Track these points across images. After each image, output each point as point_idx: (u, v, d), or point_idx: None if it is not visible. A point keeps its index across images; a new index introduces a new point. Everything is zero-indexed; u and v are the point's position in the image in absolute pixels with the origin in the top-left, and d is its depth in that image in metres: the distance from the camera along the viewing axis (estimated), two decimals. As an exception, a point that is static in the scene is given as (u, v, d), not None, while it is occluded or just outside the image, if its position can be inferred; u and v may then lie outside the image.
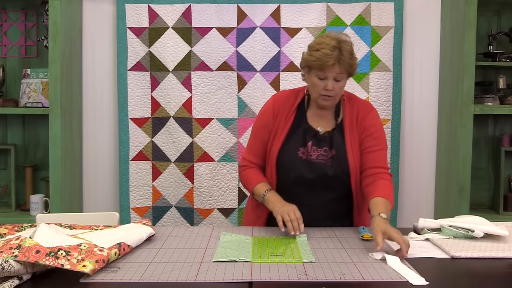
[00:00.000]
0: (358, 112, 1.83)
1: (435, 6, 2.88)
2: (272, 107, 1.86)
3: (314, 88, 1.75)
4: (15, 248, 1.19)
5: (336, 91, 1.72)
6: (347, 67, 1.70)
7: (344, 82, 1.74)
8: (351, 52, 1.71)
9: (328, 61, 1.66)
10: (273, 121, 1.84)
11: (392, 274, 1.25)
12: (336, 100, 1.78)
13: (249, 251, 1.43)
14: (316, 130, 1.80)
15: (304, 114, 1.84)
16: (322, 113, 1.83)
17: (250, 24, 2.85)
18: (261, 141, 1.87)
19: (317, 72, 1.70)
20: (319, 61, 1.67)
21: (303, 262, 1.34)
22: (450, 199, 2.73)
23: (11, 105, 2.76)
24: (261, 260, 1.35)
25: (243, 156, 1.93)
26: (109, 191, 2.97)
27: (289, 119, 1.83)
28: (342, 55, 1.67)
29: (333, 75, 1.69)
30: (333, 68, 1.67)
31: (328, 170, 1.75)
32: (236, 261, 1.34)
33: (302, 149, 1.78)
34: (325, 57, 1.66)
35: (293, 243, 1.52)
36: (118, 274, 1.25)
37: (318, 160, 1.76)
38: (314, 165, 1.76)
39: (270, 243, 1.52)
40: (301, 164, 1.77)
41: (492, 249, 1.46)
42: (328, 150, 1.77)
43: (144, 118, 2.90)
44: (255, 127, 1.91)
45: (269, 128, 1.84)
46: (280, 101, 1.87)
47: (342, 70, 1.69)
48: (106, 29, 2.92)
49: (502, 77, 2.80)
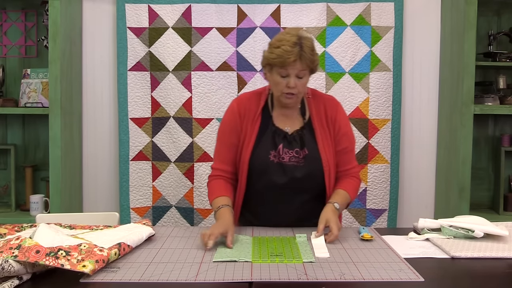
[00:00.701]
0: (325, 109, 1.81)
1: (435, 6, 2.88)
2: (237, 110, 1.81)
3: (277, 87, 1.71)
4: (15, 248, 1.19)
5: (298, 88, 1.70)
6: (308, 63, 1.67)
7: (306, 79, 1.72)
8: (312, 48, 1.69)
9: (290, 57, 1.63)
10: (241, 124, 1.80)
11: (392, 274, 1.25)
12: (299, 97, 1.76)
13: (249, 251, 1.43)
14: (284, 131, 1.78)
15: (269, 116, 1.80)
16: (288, 113, 1.81)
17: (250, 24, 2.85)
18: (230, 146, 1.81)
19: (279, 69, 1.67)
20: (280, 58, 1.64)
21: (303, 262, 1.34)
22: (450, 199, 2.73)
23: (11, 105, 2.76)
24: (261, 260, 1.35)
25: (212, 166, 1.87)
26: (109, 191, 2.97)
27: (256, 122, 1.79)
28: (303, 51, 1.65)
29: (295, 72, 1.66)
30: (295, 64, 1.65)
31: (300, 172, 1.73)
32: (236, 261, 1.34)
33: (273, 152, 1.75)
34: (286, 53, 1.63)
35: (293, 243, 1.52)
36: (118, 274, 1.25)
37: (290, 163, 1.74)
38: (286, 168, 1.74)
39: (270, 243, 1.52)
40: (274, 169, 1.74)
41: (492, 249, 1.46)
42: (300, 151, 1.75)
43: (144, 118, 2.90)
44: (222, 132, 1.84)
45: (238, 130, 1.80)
46: (244, 103, 1.83)
47: (304, 67, 1.67)
48: (106, 29, 2.92)
49: (502, 77, 2.80)
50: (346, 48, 2.84)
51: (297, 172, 1.73)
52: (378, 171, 2.88)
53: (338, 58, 2.84)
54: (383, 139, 2.87)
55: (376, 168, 2.88)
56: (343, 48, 2.84)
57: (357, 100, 2.85)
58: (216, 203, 1.72)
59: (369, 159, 2.87)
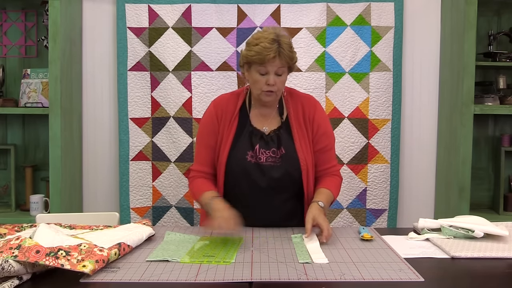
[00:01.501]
0: (303, 107, 1.81)
1: (435, 6, 2.88)
2: (214, 112, 1.82)
3: (256, 85, 1.72)
4: (15, 248, 1.19)
5: (278, 85, 1.71)
6: (287, 59, 1.69)
7: (285, 76, 1.73)
8: (290, 45, 1.71)
9: (269, 54, 1.64)
10: (218, 125, 1.80)
11: (392, 274, 1.25)
12: (278, 95, 1.76)
13: (185, 251, 1.42)
14: (261, 131, 1.78)
15: (247, 116, 1.81)
16: (266, 112, 1.81)
17: (250, 24, 2.85)
18: (209, 148, 1.81)
19: (258, 67, 1.68)
20: (259, 55, 1.65)
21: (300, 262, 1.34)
22: (450, 199, 2.73)
23: (11, 105, 2.76)
24: (190, 260, 1.34)
25: (190, 168, 1.88)
26: (109, 191, 2.97)
27: (233, 123, 1.79)
28: (282, 48, 1.66)
29: (274, 69, 1.68)
30: (274, 61, 1.66)
31: (277, 172, 1.73)
32: (168, 261, 1.34)
33: (250, 153, 1.75)
34: (265, 50, 1.64)
35: (235, 245, 1.50)
36: (118, 274, 1.25)
37: (267, 163, 1.74)
38: (263, 168, 1.74)
39: (211, 244, 1.50)
40: (251, 169, 1.73)
41: (492, 249, 1.46)
42: (277, 150, 1.75)
43: (144, 118, 2.90)
44: (200, 134, 1.85)
45: (215, 132, 1.81)
46: (221, 104, 1.83)
47: (282, 64, 1.68)
48: (106, 29, 2.92)
49: (502, 77, 2.81)
50: (346, 48, 2.84)
51: (274, 172, 1.74)
52: (378, 171, 2.88)
53: (338, 58, 2.84)
54: (383, 139, 2.87)
55: (376, 168, 2.88)
56: (343, 48, 2.84)
57: (357, 100, 2.85)
58: (207, 195, 1.72)
59: (369, 159, 2.87)
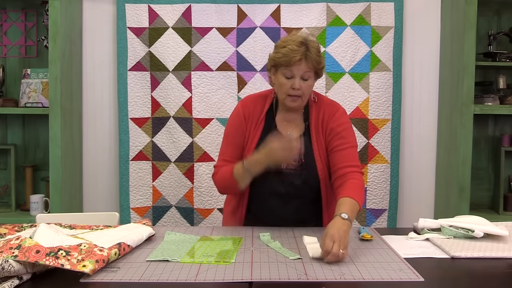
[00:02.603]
0: (323, 114, 1.78)
1: (435, 6, 2.88)
2: (242, 112, 1.81)
3: (281, 88, 1.70)
4: (15, 248, 1.19)
5: (303, 90, 1.68)
6: (314, 64, 1.66)
7: (312, 81, 1.70)
8: (318, 49, 1.69)
9: (295, 56, 1.63)
10: (246, 124, 1.80)
11: (392, 274, 1.25)
12: (304, 101, 1.73)
13: (185, 251, 1.42)
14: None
15: (273, 119, 1.80)
16: (291, 117, 1.79)
17: (250, 24, 2.85)
18: (236, 146, 1.81)
19: (284, 70, 1.67)
20: (286, 57, 1.64)
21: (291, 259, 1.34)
22: (450, 199, 2.73)
23: (11, 105, 2.76)
24: (190, 260, 1.34)
25: (215, 165, 1.84)
26: (109, 191, 2.97)
27: (259, 126, 1.79)
28: (309, 51, 1.65)
29: (300, 73, 1.66)
30: (300, 64, 1.64)
31: (297, 179, 1.73)
32: (168, 261, 1.34)
33: None
34: (292, 52, 1.63)
35: (235, 245, 1.50)
36: (118, 274, 1.25)
37: (287, 170, 1.73)
38: (284, 174, 1.73)
39: (212, 244, 1.50)
40: (272, 175, 1.71)
41: (492, 249, 1.46)
42: (298, 158, 1.73)
43: (144, 118, 2.90)
44: (228, 133, 1.84)
45: (243, 131, 1.80)
46: (249, 105, 1.82)
47: (309, 68, 1.66)
48: (106, 29, 2.92)
49: (502, 77, 2.80)
50: (346, 48, 2.84)
51: (294, 179, 1.74)
52: (378, 171, 2.88)
53: (338, 58, 2.84)
54: (383, 139, 2.87)
55: (376, 168, 2.88)
56: (343, 48, 2.84)
57: (357, 100, 2.85)
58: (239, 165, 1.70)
59: (369, 159, 2.87)
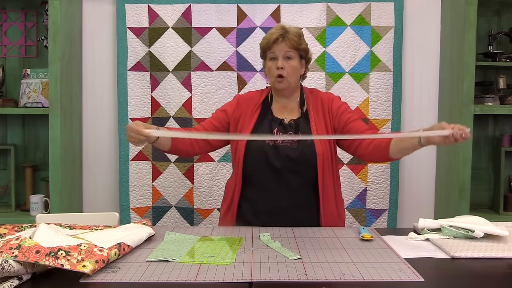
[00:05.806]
0: (322, 102, 1.89)
1: (435, 6, 2.89)
2: (237, 99, 1.95)
3: (270, 72, 1.83)
4: (15, 248, 1.19)
5: (287, 70, 1.79)
6: (293, 44, 1.78)
7: (295, 62, 1.81)
8: (299, 33, 1.82)
9: (273, 35, 1.78)
10: (236, 110, 1.90)
11: (392, 274, 1.25)
12: (290, 82, 1.82)
13: (185, 251, 1.42)
14: (281, 119, 1.85)
15: (269, 107, 1.90)
16: (287, 104, 1.89)
17: (250, 24, 2.85)
18: (216, 119, 1.92)
19: (269, 53, 1.81)
20: (266, 40, 1.81)
21: (291, 259, 1.34)
22: (450, 199, 2.73)
23: (11, 105, 2.76)
24: (190, 260, 1.34)
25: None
26: (109, 191, 2.97)
27: (255, 113, 1.88)
28: (288, 33, 1.79)
29: (282, 53, 1.78)
30: (280, 44, 1.78)
31: (293, 153, 1.78)
32: (168, 261, 1.33)
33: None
34: (271, 35, 1.80)
35: (235, 245, 1.49)
36: (118, 274, 1.25)
37: (283, 144, 1.79)
38: (280, 148, 1.79)
39: (211, 244, 1.50)
40: (268, 149, 1.79)
41: (492, 249, 1.46)
42: (294, 134, 1.81)
43: (144, 118, 2.90)
44: (215, 111, 1.97)
45: (229, 114, 1.91)
46: (246, 96, 1.96)
47: (289, 47, 1.78)
48: (106, 29, 2.92)
49: (502, 77, 2.81)
50: (346, 48, 2.84)
51: (290, 152, 1.78)
52: (378, 171, 2.88)
53: (338, 58, 2.84)
54: (383, 139, 2.87)
55: (376, 168, 2.88)
56: (343, 48, 2.84)
57: (357, 100, 2.85)
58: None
59: (369, 159, 2.87)
